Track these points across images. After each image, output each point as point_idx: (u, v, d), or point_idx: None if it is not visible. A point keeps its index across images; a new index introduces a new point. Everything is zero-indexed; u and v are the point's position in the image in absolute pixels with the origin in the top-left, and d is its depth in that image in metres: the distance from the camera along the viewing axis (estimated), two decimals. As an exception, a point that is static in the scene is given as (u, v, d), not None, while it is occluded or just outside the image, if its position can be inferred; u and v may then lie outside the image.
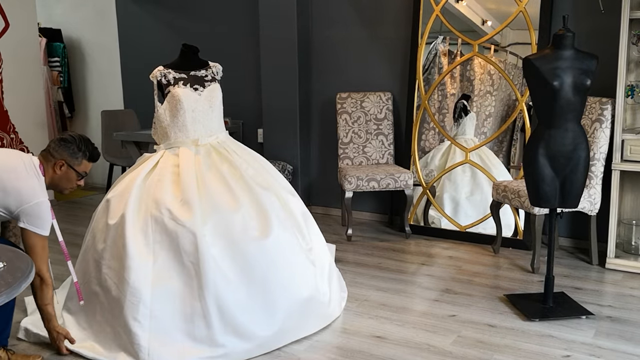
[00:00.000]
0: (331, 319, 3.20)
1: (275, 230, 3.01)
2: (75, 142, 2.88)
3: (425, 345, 2.96)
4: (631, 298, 3.52)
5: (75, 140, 2.88)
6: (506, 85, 4.70)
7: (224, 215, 2.98)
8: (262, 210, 3.06)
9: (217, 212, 2.98)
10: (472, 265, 4.14)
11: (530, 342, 2.97)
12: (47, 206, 2.74)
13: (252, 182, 3.14)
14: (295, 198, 3.33)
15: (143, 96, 6.29)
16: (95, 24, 6.99)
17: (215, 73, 3.44)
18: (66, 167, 2.86)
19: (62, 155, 2.85)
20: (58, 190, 2.95)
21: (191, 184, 3.03)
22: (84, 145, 2.90)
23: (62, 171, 2.86)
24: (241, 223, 2.99)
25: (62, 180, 2.89)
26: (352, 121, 5.10)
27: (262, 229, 3.01)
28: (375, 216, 5.42)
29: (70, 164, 2.86)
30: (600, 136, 3.94)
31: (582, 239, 4.40)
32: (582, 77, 3.04)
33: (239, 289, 2.86)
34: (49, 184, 2.87)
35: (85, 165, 2.92)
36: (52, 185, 2.90)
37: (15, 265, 1.75)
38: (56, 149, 2.85)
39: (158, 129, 3.31)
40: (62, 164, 2.85)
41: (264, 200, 3.09)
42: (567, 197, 3.20)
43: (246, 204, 3.06)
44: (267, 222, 3.03)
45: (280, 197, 3.21)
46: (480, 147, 4.73)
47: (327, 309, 3.19)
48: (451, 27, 4.73)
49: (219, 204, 3.01)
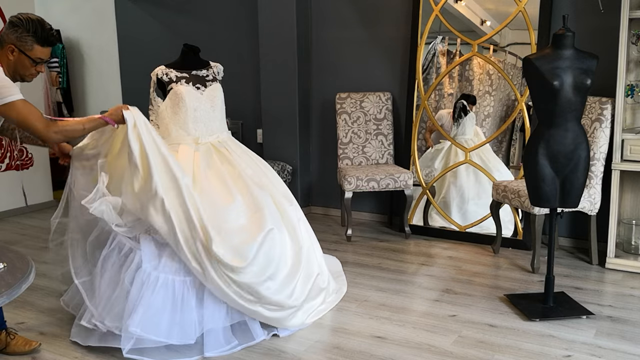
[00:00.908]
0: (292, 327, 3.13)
1: (269, 226, 2.99)
2: (23, 24, 2.64)
3: (426, 345, 2.95)
4: (631, 298, 3.52)
5: (23, 23, 2.64)
6: (505, 86, 4.70)
7: (217, 210, 2.97)
8: (257, 207, 3.05)
9: (210, 206, 2.97)
10: (472, 265, 4.14)
11: (531, 342, 2.96)
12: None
13: (249, 181, 3.14)
14: (292, 207, 3.28)
15: (142, 97, 6.27)
16: (94, 25, 6.98)
17: (216, 73, 3.44)
18: (17, 52, 2.65)
19: (11, 39, 2.64)
20: (20, 79, 2.75)
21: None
22: (33, 29, 2.64)
23: (14, 56, 2.65)
24: (234, 219, 2.98)
25: (17, 66, 2.68)
26: (351, 121, 5.10)
27: (254, 227, 2.99)
28: (375, 216, 5.42)
29: (21, 48, 2.64)
30: (600, 136, 3.94)
31: (582, 238, 4.40)
32: (582, 76, 3.04)
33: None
34: (8, 70, 2.68)
35: (39, 50, 2.68)
36: (12, 72, 2.70)
37: (16, 266, 1.74)
38: (6, 33, 2.64)
39: (160, 126, 3.32)
40: (13, 48, 2.64)
41: (260, 198, 3.08)
42: (568, 197, 3.19)
43: (240, 200, 3.05)
44: (262, 219, 3.01)
45: (277, 201, 3.20)
46: (480, 147, 4.73)
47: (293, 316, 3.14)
48: (451, 27, 4.73)
49: (213, 200, 3.00)
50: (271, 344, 2.98)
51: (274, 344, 2.98)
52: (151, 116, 3.38)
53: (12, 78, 2.70)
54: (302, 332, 3.10)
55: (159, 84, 3.34)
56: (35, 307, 3.50)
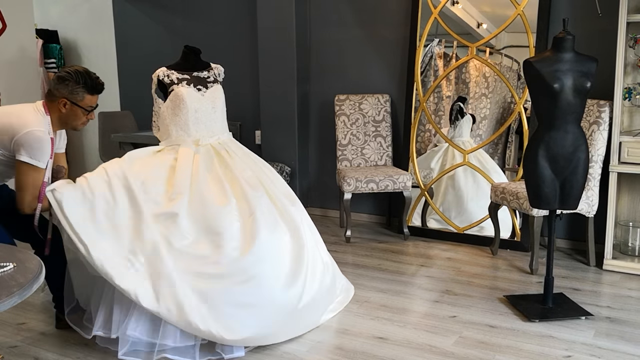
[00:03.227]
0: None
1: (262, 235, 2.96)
2: (73, 78, 2.82)
3: (427, 346, 2.97)
4: (629, 299, 3.55)
5: (72, 76, 2.82)
6: (501, 88, 4.73)
7: (209, 209, 2.96)
8: (251, 211, 3.02)
9: (203, 206, 2.97)
10: (471, 266, 4.16)
11: (531, 342, 2.99)
12: (39, 137, 2.71)
13: (245, 185, 3.12)
14: (295, 207, 3.26)
15: (140, 98, 6.30)
16: (91, 25, 6.98)
17: (217, 74, 3.45)
18: (70, 104, 2.84)
19: (62, 93, 2.83)
20: (71, 128, 2.95)
21: (185, 181, 3.03)
22: (82, 80, 2.84)
23: (67, 109, 2.85)
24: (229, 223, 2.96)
25: (70, 117, 2.89)
26: (350, 123, 5.12)
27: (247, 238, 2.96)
28: (374, 218, 5.44)
29: (73, 100, 2.84)
30: (598, 138, 3.97)
31: (579, 240, 4.44)
32: (582, 79, 3.07)
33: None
34: (59, 122, 2.89)
35: (88, 99, 2.88)
36: (62, 124, 2.92)
37: (26, 266, 1.75)
38: (56, 88, 2.83)
39: (160, 127, 3.33)
40: (65, 102, 2.84)
41: (253, 202, 3.06)
42: (567, 199, 3.22)
43: (234, 204, 3.03)
44: (254, 224, 2.98)
45: (277, 201, 3.19)
46: (478, 149, 4.76)
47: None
48: (449, 29, 4.75)
49: (206, 200, 2.99)
50: (273, 344, 2.99)
51: (276, 344, 2.99)
52: (153, 117, 3.39)
53: (61, 127, 2.94)
54: (304, 333, 3.11)
55: (160, 85, 3.35)
56: (35, 307, 3.50)
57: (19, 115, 2.76)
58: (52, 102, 2.85)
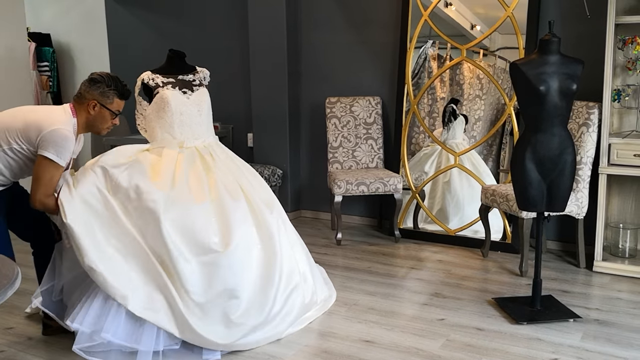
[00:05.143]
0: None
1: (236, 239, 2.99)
2: (105, 81, 2.92)
3: (414, 349, 2.96)
4: (618, 301, 3.55)
5: (104, 79, 2.93)
6: (495, 90, 4.73)
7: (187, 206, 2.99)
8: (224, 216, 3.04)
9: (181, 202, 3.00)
10: (461, 269, 4.16)
11: (518, 345, 2.98)
12: (66, 135, 2.78)
13: (224, 191, 3.13)
14: (273, 215, 3.23)
15: (132, 101, 6.28)
16: (84, 28, 6.98)
17: (202, 78, 3.45)
18: (99, 106, 2.92)
19: (93, 95, 2.91)
20: (96, 131, 3.02)
21: (167, 176, 3.06)
22: (114, 84, 2.94)
23: (95, 111, 2.93)
24: (203, 218, 2.98)
25: (97, 119, 2.96)
26: (341, 125, 5.12)
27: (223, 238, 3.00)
28: (365, 220, 5.43)
29: (103, 103, 2.92)
30: (587, 140, 3.97)
31: (569, 242, 4.43)
32: (568, 81, 3.06)
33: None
34: (85, 125, 2.96)
35: (117, 103, 2.98)
36: (88, 127, 2.98)
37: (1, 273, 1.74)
38: (87, 90, 2.92)
39: (147, 129, 3.34)
40: (95, 104, 2.91)
41: (230, 208, 3.06)
42: (554, 201, 3.22)
43: (208, 205, 3.05)
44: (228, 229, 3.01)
45: (255, 209, 3.18)
46: (470, 150, 4.76)
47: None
48: (439, 31, 4.75)
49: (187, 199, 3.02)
50: (259, 347, 2.99)
51: (262, 347, 2.99)
52: (137, 119, 3.40)
53: (86, 130, 2.99)
54: (290, 336, 3.11)
55: (145, 88, 3.37)
56: (24, 312, 3.48)
57: (47, 113, 2.85)
58: (80, 104, 2.93)
